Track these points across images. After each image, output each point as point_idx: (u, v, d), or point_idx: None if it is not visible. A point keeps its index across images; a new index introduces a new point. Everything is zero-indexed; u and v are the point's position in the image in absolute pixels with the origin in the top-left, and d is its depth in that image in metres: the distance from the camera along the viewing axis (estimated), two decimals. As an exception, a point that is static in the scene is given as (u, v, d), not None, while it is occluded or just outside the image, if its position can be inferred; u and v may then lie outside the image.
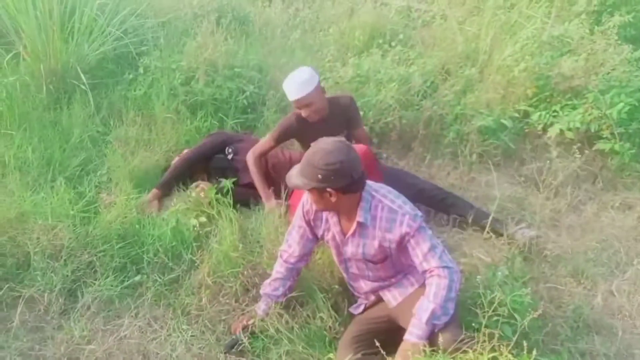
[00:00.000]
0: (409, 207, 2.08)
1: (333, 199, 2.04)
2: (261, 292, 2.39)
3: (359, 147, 2.78)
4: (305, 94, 2.82)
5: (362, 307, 2.35)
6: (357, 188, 2.06)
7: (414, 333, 1.94)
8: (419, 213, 2.08)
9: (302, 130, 2.96)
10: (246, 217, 2.90)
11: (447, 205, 3.02)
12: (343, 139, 2.11)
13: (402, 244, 2.08)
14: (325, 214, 2.23)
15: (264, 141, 3.05)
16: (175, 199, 2.99)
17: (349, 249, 2.20)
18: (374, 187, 2.14)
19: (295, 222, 2.33)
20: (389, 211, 2.07)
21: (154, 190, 3.11)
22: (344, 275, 2.38)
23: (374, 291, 2.29)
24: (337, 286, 2.45)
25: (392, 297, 2.22)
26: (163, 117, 3.57)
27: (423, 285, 2.09)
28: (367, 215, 2.09)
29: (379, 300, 2.28)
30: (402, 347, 1.95)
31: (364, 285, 2.30)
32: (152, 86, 3.72)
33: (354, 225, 2.11)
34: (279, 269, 2.36)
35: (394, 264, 2.19)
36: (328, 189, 2.01)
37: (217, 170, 3.23)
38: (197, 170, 3.26)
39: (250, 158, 3.04)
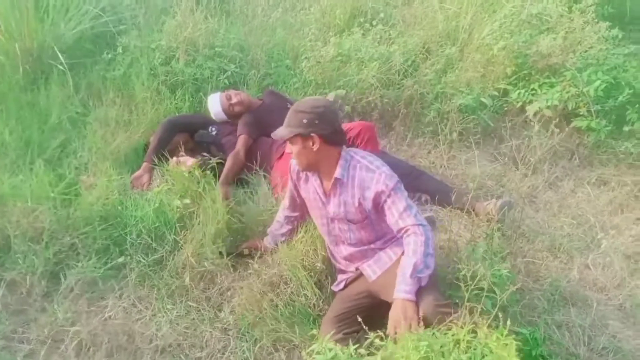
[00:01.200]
0: (385, 168, 2.17)
1: (315, 147, 2.13)
2: (267, 230, 2.63)
3: (362, 123, 3.01)
4: (219, 110, 3.33)
5: (342, 284, 2.38)
6: (338, 141, 2.18)
7: (401, 289, 1.99)
8: (395, 175, 2.16)
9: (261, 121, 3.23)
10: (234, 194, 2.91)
11: (420, 183, 3.08)
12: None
13: (378, 204, 2.15)
14: (308, 175, 2.30)
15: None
16: (157, 178, 2.99)
17: (331, 209, 2.25)
18: (354, 150, 2.26)
19: (288, 185, 2.49)
20: (367, 170, 2.16)
21: (144, 164, 3.13)
22: (326, 238, 2.42)
23: (354, 259, 2.33)
24: (320, 264, 2.48)
25: (372, 272, 2.26)
26: (143, 97, 3.53)
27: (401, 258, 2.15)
28: (344, 172, 2.17)
29: (359, 276, 2.32)
30: (394, 305, 2.00)
31: (344, 250, 2.33)
32: (131, 66, 3.66)
33: (332, 181, 2.19)
34: (279, 214, 2.60)
35: (374, 227, 2.24)
36: (312, 134, 2.11)
37: (201, 145, 3.24)
38: (179, 141, 3.25)
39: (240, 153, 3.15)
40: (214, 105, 3.34)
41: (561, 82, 3.59)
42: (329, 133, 2.13)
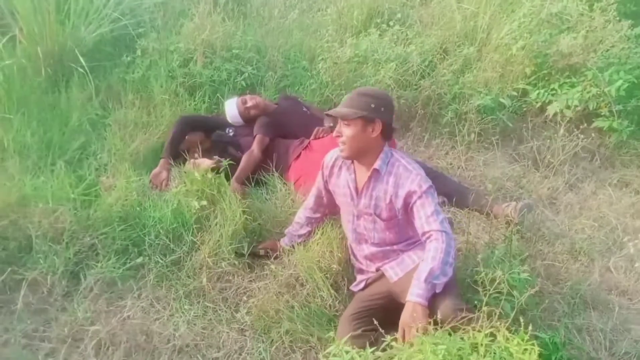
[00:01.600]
0: (422, 171, 2.20)
1: (374, 134, 2.16)
2: (285, 231, 2.66)
3: None
4: (235, 114, 3.40)
5: (362, 284, 2.38)
6: (390, 135, 2.24)
7: (414, 292, 1.98)
8: (430, 180, 2.18)
9: (277, 123, 3.31)
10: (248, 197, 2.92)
11: (437, 185, 3.05)
12: None
13: (408, 204, 2.16)
14: (342, 169, 2.34)
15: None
16: (175, 177, 3.02)
17: (362, 202, 2.27)
18: (394, 150, 2.31)
19: (316, 182, 2.51)
20: (404, 169, 2.19)
21: (162, 161, 3.18)
22: (349, 236, 2.42)
23: (375, 259, 2.33)
24: (336, 266, 2.47)
25: (394, 273, 2.26)
26: (161, 99, 3.56)
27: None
28: (383, 166, 2.20)
29: (380, 277, 2.31)
30: (405, 308, 1.98)
31: (366, 249, 2.34)
32: (150, 68, 3.70)
33: (369, 172, 2.21)
34: (300, 215, 2.62)
35: (400, 228, 2.25)
36: (376, 120, 2.14)
37: (218, 145, 3.27)
38: (196, 141, 3.28)
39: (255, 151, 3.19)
40: (231, 109, 3.39)
41: (582, 82, 3.54)
42: (388, 124, 2.19)
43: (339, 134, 2.22)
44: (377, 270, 2.34)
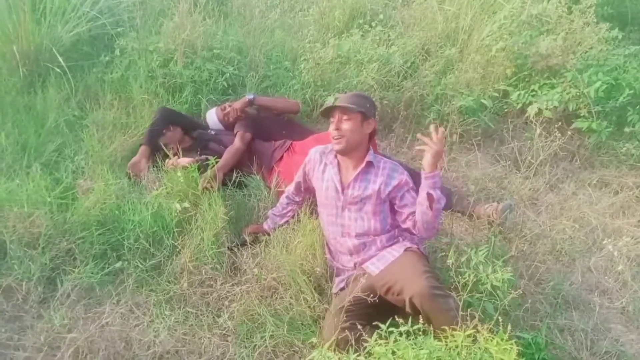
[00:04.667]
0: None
1: (368, 131, 2.38)
2: (268, 213, 2.82)
3: None
4: (216, 121, 3.42)
5: (342, 284, 2.39)
6: (373, 137, 2.50)
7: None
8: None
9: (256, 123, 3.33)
10: (230, 198, 2.89)
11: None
12: None
13: (396, 196, 2.35)
14: (326, 164, 2.47)
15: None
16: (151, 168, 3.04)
17: (349, 192, 2.38)
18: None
19: (296, 175, 2.67)
20: (392, 164, 2.41)
21: (142, 148, 3.15)
22: (330, 232, 2.46)
23: (355, 251, 2.37)
24: (319, 268, 2.45)
25: (375, 267, 2.29)
26: (141, 100, 3.50)
27: (404, 253, 2.27)
28: (373, 160, 2.39)
29: (361, 274, 2.30)
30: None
31: (349, 241, 2.39)
32: (129, 68, 3.64)
33: (363, 165, 2.37)
34: (282, 199, 2.79)
35: (384, 218, 2.39)
36: (371, 119, 2.38)
37: (200, 141, 3.24)
38: (176, 139, 3.25)
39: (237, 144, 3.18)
40: (211, 118, 3.41)
41: (561, 83, 3.57)
42: (376, 126, 2.45)
43: (337, 127, 2.34)
44: (355, 266, 2.36)
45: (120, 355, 2.23)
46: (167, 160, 3.04)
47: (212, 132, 3.39)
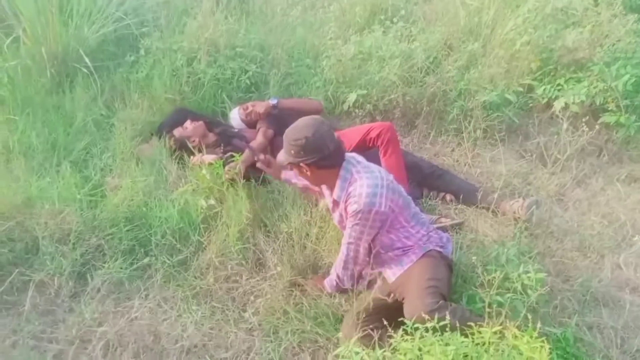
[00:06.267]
0: (370, 190, 2.12)
1: (308, 173, 2.20)
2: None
3: (383, 124, 2.92)
4: (239, 121, 3.42)
5: (366, 281, 2.39)
6: (331, 164, 2.18)
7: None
8: (372, 202, 2.11)
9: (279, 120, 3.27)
10: (257, 195, 2.91)
11: (443, 182, 3.06)
12: (318, 116, 2.23)
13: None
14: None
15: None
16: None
17: (335, 218, 2.37)
18: (354, 161, 2.25)
19: None
20: (353, 189, 2.16)
21: (152, 138, 3.26)
22: None
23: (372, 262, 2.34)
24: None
25: (392, 273, 2.28)
26: (166, 99, 3.55)
27: (421, 258, 2.23)
28: (341, 194, 2.21)
29: (380, 277, 2.31)
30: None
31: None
32: (154, 68, 3.69)
33: (332, 199, 2.28)
34: None
35: (375, 239, 2.26)
36: (301, 164, 2.16)
37: (223, 137, 3.27)
38: (199, 132, 3.26)
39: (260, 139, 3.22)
40: (234, 118, 3.43)
41: (588, 77, 3.50)
42: (318, 160, 2.14)
43: None
44: (373, 270, 2.34)
45: (149, 349, 2.28)
46: (191, 157, 3.08)
47: (236, 129, 3.42)
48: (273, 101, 3.31)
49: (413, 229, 2.29)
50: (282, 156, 2.24)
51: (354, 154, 2.33)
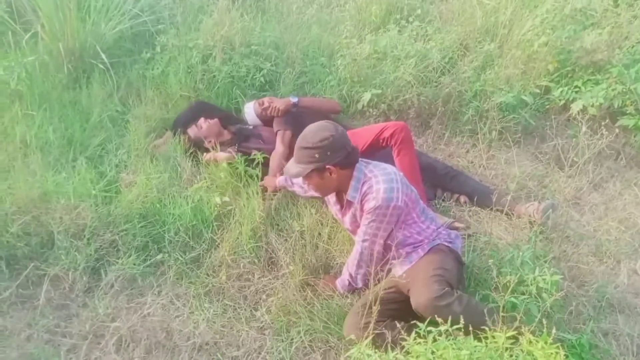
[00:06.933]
0: (387, 186, 2.15)
1: (334, 176, 2.19)
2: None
3: (397, 123, 2.88)
4: (254, 116, 3.39)
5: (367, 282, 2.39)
6: (352, 161, 2.22)
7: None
8: (392, 196, 2.13)
9: (295, 119, 3.24)
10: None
11: (457, 184, 3.03)
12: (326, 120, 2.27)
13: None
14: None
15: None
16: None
17: (346, 222, 2.38)
18: (365, 161, 2.29)
19: None
20: (369, 188, 2.19)
21: (167, 133, 3.27)
22: None
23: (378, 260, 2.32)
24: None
25: (400, 268, 2.29)
26: (181, 96, 3.57)
27: (428, 252, 2.24)
28: (355, 194, 2.23)
29: (388, 271, 2.29)
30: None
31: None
32: (169, 65, 3.70)
33: (345, 201, 2.29)
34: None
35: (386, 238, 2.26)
36: (328, 167, 2.15)
37: (240, 137, 3.26)
38: (214, 131, 3.25)
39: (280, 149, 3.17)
40: (249, 112, 3.40)
41: (607, 79, 3.45)
42: (343, 158, 2.16)
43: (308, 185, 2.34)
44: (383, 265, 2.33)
45: (161, 345, 2.29)
46: (204, 154, 3.09)
47: (251, 127, 3.41)
48: (294, 99, 3.30)
49: (423, 224, 2.30)
50: (297, 168, 2.22)
51: None
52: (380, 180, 2.16)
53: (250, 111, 3.40)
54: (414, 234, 2.28)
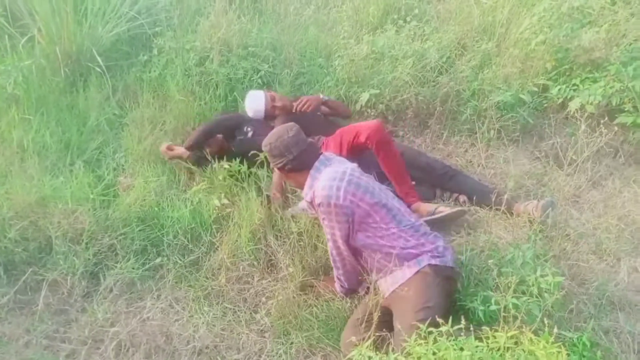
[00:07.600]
0: (326, 184, 2.18)
1: (284, 176, 2.39)
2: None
3: (369, 125, 2.81)
4: (261, 108, 3.30)
5: (366, 287, 2.37)
6: (298, 167, 2.30)
7: None
8: (330, 195, 2.15)
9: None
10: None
11: (456, 183, 3.02)
12: (290, 124, 2.38)
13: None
14: None
15: None
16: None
17: None
18: (323, 158, 2.32)
19: None
20: (317, 185, 2.23)
21: (182, 150, 3.18)
22: None
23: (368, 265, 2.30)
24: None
25: (386, 288, 2.21)
26: (178, 98, 3.56)
27: (414, 276, 2.14)
28: (308, 192, 2.29)
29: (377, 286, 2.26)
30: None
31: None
32: (166, 67, 3.70)
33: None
34: None
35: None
36: (276, 168, 2.35)
37: (239, 152, 3.22)
38: (218, 145, 3.22)
39: None
40: (258, 102, 3.28)
41: (604, 77, 3.44)
42: (284, 164, 2.30)
43: None
44: (368, 276, 2.30)
45: (161, 350, 2.28)
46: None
47: (249, 133, 3.32)
48: (325, 98, 3.33)
49: (391, 229, 2.19)
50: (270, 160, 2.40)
51: (330, 153, 2.40)
52: (322, 178, 2.21)
53: (259, 102, 3.28)
54: (377, 238, 2.19)
